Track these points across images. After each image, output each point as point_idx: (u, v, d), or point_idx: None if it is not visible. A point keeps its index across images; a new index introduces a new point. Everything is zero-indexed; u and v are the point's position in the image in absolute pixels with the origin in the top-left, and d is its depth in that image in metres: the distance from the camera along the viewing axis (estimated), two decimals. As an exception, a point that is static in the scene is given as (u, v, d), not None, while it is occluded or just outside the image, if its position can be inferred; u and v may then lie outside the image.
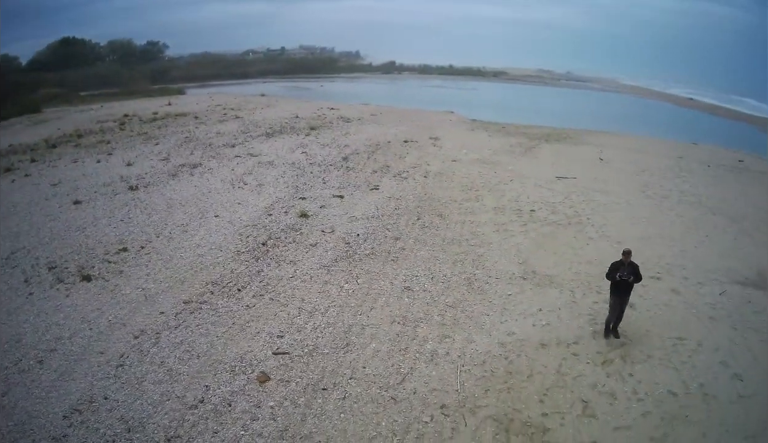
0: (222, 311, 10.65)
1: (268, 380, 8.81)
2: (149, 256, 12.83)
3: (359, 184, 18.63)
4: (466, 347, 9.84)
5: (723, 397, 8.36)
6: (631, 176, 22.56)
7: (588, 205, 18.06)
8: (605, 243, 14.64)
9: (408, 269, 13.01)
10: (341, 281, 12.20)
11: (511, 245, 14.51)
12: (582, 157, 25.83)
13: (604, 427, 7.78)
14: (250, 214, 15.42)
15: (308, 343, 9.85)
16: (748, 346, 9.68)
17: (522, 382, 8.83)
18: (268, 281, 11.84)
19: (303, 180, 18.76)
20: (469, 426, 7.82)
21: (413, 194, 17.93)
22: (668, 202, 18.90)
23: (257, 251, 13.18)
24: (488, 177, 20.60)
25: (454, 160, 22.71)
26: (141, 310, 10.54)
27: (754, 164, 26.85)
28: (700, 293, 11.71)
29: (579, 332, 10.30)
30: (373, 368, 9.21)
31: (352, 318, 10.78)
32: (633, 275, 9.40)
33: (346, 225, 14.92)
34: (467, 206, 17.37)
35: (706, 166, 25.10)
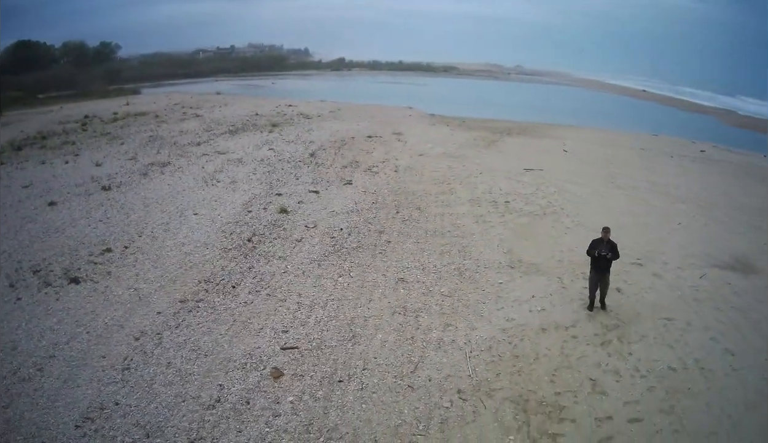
0: (220, 308, 10.85)
1: (282, 375, 8.88)
2: (135, 256, 12.97)
3: (332, 179, 19.48)
4: (470, 334, 10.30)
5: (719, 371, 9.19)
6: (597, 167, 24.07)
7: (560, 196, 19.17)
8: (583, 232, 15.52)
9: (397, 261, 13.47)
10: (334, 275, 12.56)
11: (492, 236, 15.23)
12: (546, 149, 27.43)
13: (615, 403, 8.42)
14: (229, 211, 15.90)
15: (314, 337, 10.06)
16: (733, 324, 10.65)
17: (530, 365, 9.38)
18: (261, 277, 12.18)
19: (275, 176, 19.47)
20: (488, 409, 8.24)
21: (387, 188, 18.80)
22: (638, 192, 20.33)
23: (244, 248, 13.53)
24: (458, 170, 21.69)
25: (421, 154, 23.95)
26: (137, 311, 10.55)
27: (715, 154, 29.22)
28: (682, 277, 12.78)
29: (574, 316, 11.02)
30: (384, 358, 9.48)
31: (352, 311, 11.07)
32: (611, 252, 10.42)
33: (327, 220, 15.58)
34: (443, 199, 18.17)
35: (669, 157, 27.15)
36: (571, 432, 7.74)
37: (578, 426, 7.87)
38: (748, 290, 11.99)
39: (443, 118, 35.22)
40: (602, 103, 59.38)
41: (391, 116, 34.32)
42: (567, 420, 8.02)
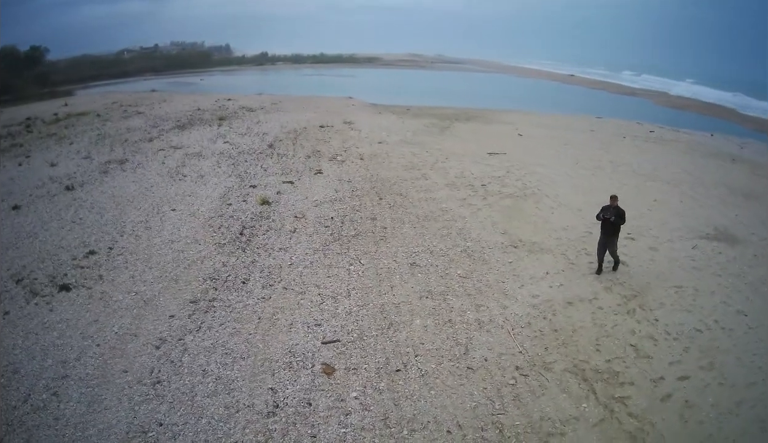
0: (238, 306, 10.88)
1: (334, 371, 8.98)
2: (123, 257, 12.93)
3: (300, 169, 20.42)
4: (503, 312, 11.08)
5: (738, 329, 10.62)
6: (556, 149, 26.12)
7: (532, 178, 20.72)
8: (568, 211, 17.07)
9: (402, 246, 14.07)
10: (344, 264, 12.95)
11: (484, 218, 16.26)
12: (501, 134, 29.45)
13: (660, 364, 9.54)
14: (208, 205, 16.36)
15: (351, 328, 10.30)
16: (735, 288, 12.26)
17: (571, 337, 10.33)
18: (269, 271, 12.39)
19: (242, 169, 20.26)
20: (552, 381, 9.00)
21: (361, 176, 19.71)
22: (603, 172, 22.35)
23: (239, 242, 13.87)
24: (423, 157, 23.04)
25: (380, 142, 25.27)
26: (146, 316, 10.36)
27: (665, 134, 32.47)
28: (675, 249, 14.47)
29: (592, 289, 12.19)
30: (431, 343, 9.92)
31: (379, 298, 11.44)
32: (616, 216, 12.09)
33: (313, 209, 16.26)
34: (420, 185, 19.17)
35: (622, 138, 29.91)
36: (634, 394, 8.69)
37: (638, 388, 8.84)
38: (738, 258, 13.81)
39: (386, 107, 36.92)
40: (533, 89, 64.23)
41: (334, 106, 35.82)
42: (626, 383, 8.96)
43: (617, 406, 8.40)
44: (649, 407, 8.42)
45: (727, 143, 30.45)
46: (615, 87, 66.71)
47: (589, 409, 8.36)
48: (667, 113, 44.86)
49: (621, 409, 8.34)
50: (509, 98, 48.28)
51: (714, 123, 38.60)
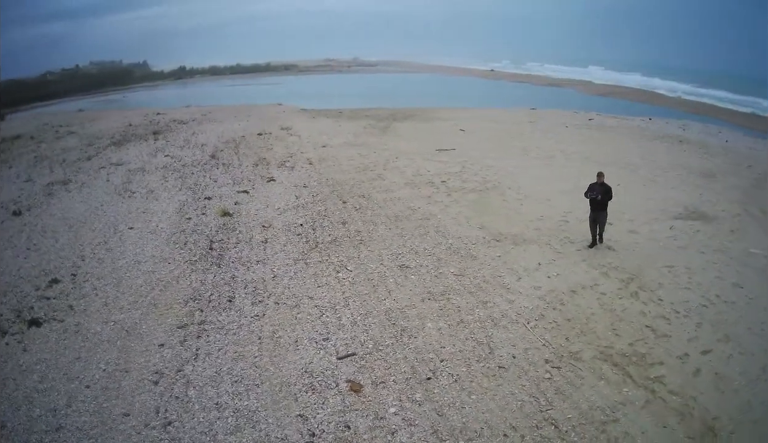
0: (232, 327, 10.61)
1: (362, 387, 8.78)
2: (90, 283, 12.56)
3: (251, 178, 20.94)
4: (512, 306, 11.40)
5: (739, 302, 11.55)
6: (504, 142, 27.50)
7: (489, 171, 21.61)
8: (536, 201, 18.00)
9: (384, 249, 14.26)
10: (331, 271, 12.95)
11: (455, 214, 16.79)
12: (443, 131, 30.68)
13: (680, 341, 10.18)
14: (165, 221, 16.38)
15: (362, 339, 10.22)
16: (723, 263, 13.36)
17: (587, 325, 10.80)
18: (254, 286, 12.31)
19: (191, 181, 20.65)
20: (586, 370, 9.36)
21: (315, 181, 20.25)
22: (557, 161, 23.64)
23: (211, 257, 13.85)
24: (372, 157, 23.85)
25: (324, 146, 26.17)
26: (133, 348, 9.92)
27: (604, 121, 34.84)
28: (654, 230, 15.55)
29: (590, 275, 12.83)
30: (452, 346, 10.00)
31: (380, 304, 11.46)
32: (602, 194, 13.43)
33: (279, 218, 16.54)
34: (378, 185, 19.71)
35: (564, 126, 31.81)
36: (667, 372, 9.22)
37: (668, 366, 9.40)
38: (717, 234, 15.09)
39: (318, 111, 38.33)
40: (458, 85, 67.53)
41: (265, 113, 37.23)
42: (655, 363, 9.49)
43: (656, 386, 8.83)
44: (684, 383, 8.92)
45: (667, 125, 33.14)
46: (537, 79, 70.79)
47: (631, 393, 8.71)
48: (596, 100, 48.37)
49: (661, 389, 8.78)
50: (437, 96, 50.40)
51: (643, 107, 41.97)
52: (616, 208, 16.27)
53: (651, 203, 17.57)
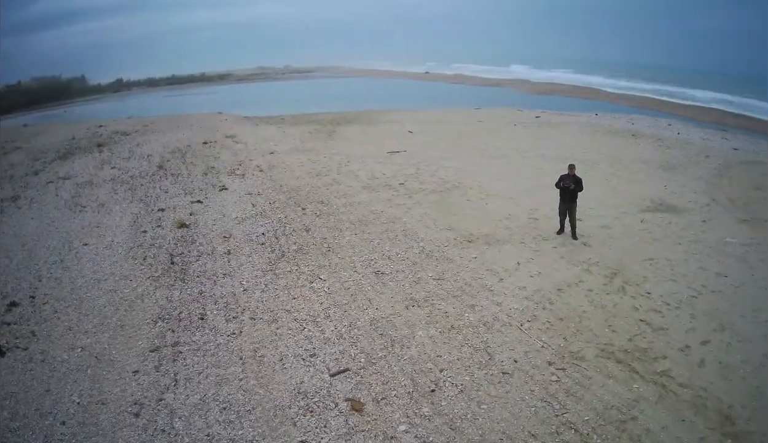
0: (209, 347, 10.25)
1: (363, 405, 8.44)
2: (50, 305, 12.12)
3: (203, 187, 20.97)
4: (501, 309, 11.36)
5: (726, 290, 11.99)
6: (455, 142, 28.02)
7: (446, 172, 21.84)
8: (500, 200, 18.30)
9: (355, 255, 14.07)
10: (304, 282, 12.69)
11: (420, 216, 16.84)
12: (390, 133, 31.23)
13: (678, 334, 10.43)
14: (121, 235, 16.19)
15: (352, 352, 9.91)
16: (703, 253, 13.90)
17: (582, 323, 10.86)
18: (225, 301, 11.98)
19: (141, 193, 20.56)
20: (592, 370, 9.36)
21: (270, 188, 20.17)
22: (513, 159, 24.18)
23: (174, 272, 13.56)
24: (324, 162, 24.11)
25: (272, 153, 26.39)
26: (105, 377, 9.44)
27: (551, 118, 35.98)
28: (626, 224, 16.02)
29: (572, 272, 13.00)
30: (449, 354, 9.81)
31: (362, 314, 11.21)
32: (574, 184, 14.14)
33: (238, 227, 16.46)
34: (336, 190, 19.70)
35: (513, 125, 32.67)
36: (672, 365, 9.39)
37: (672, 360, 9.57)
38: (689, 225, 15.72)
39: (260, 118, 39.25)
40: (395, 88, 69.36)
41: (207, 122, 37.74)
42: (659, 357, 9.65)
43: (665, 380, 8.96)
44: (692, 375, 9.12)
45: (615, 120, 34.66)
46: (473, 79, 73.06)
47: (642, 389, 8.80)
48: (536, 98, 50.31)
49: (670, 382, 8.92)
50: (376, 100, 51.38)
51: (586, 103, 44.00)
52: (583, 203, 16.63)
53: (617, 196, 18.09)
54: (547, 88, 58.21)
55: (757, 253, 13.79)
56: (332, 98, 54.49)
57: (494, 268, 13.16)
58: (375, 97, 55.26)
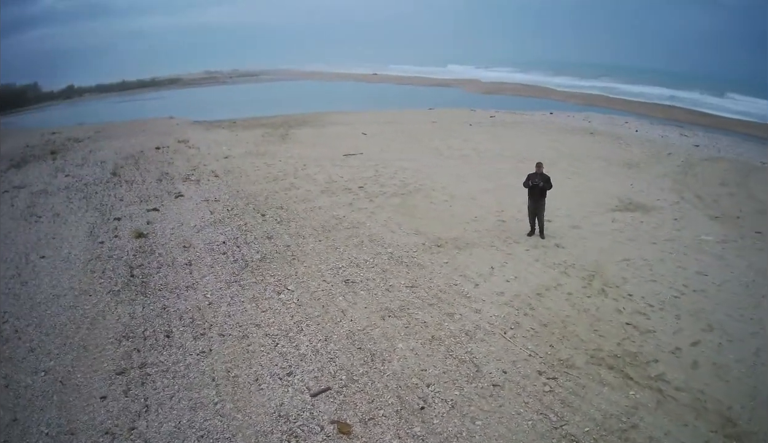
0: (178, 369, 9.82)
1: (351, 427, 8.04)
2: (10, 324, 11.71)
3: (158, 194, 20.81)
4: (481, 316, 11.13)
5: (708, 289, 12.15)
6: (410, 144, 28.15)
7: (405, 174, 21.80)
8: (464, 201, 18.32)
9: (321, 263, 13.77)
10: (272, 293, 12.35)
11: (384, 220, 16.65)
12: (344, 135, 31.27)
13: (666, 336, 10.40)
14: (77, 247, 15.92)
15: (331, 369, 9.55)
16: (680, 252, 14.10)
17: (567, 329, 10.73)
18: (190, 316, 11.64)
19: (96, 201, 20.45)
20: (585, 378, 9.20)
21: (227, 194, 19.95)
22: (471, 159, 24.32)
23: (134, 286, 13.25)
24: (279, 166, 24.03)
25: (226, 157, 26.33)
26: (72, 403, 8.99)
27: (505, 117, 36.67)
28: (597, 224, 16.15)
29: (549, 275, 12.93)
30: (434, 367, 9.49)
31: (337, 327, 10.84)
32: (543, 182, 14.25)
33: (197, 236, 16.20)
34: (294, 195, 19.49)
35: (468, 125, 33.07)
36: (665, 369, 9.34)
37: (665, 363, 9.53)
38: (661, 224, 15.99)
39: (211, 122, 39.51)
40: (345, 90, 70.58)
41: (159, 127, 37.98)
42: (651, 361, 9.59)
43: (661, 385, 8.91)
44: (687, 378, 9.10)
45: (570, 119, 35.51)
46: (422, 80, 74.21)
47: (639, 395, 8.72)
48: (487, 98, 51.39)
49: (666, 387, 8.87)
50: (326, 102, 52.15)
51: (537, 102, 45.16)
52: (549, 202, 16.65)
53: (582, 196, 18.30)
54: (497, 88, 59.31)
55: (733, 250, 14.01)
56: (282, 101, 55.46)
57: (468, 273, 12.90)
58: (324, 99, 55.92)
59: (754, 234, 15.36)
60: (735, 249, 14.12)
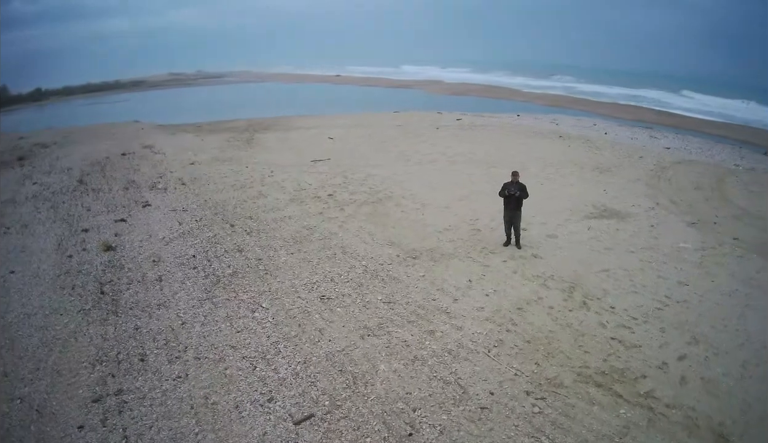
0: (155, 395, 9.59)
1: None
2: None
3: (125, 203, 20.52)
4: (463, 334, 11.00)
5: (691, 300, 12.30)
6: (378, 148, 28.10)
7: (375, 180, 21.72)
8: (437, 210, 18.27)
9: (295, 278, 13.58)
10: (246, 312, 12.14)
11: (356, 230, 16.56)
12: (310, 139, 31.17)
13: (652, 350, 10.43)
14: (46, 261, 15.59)
15: (313, 394, 9.36)
16: (659, 261, 14.25)
17: (551, 345, 10.68)
18: (164, 338, 11.43)
19: (64, 211, 20.06)
20: (573, 397, 9.15)
21: (194, 203, 19.69)
22: (441, 165, 24.36)
23: (105, 304, 13.03)
24: (246, 173, 23.85)
25: (192, 163, 26.03)
26: (49, 434, 8.80)
27: (473, 120, 36.86)
28: (573, 233, 16.24)
29: (528, 288, 12.89)
30: (419, 390, 9.36)
31: (315, 348, 10.65)
32: (519, 191, 14.28)
33: (166, 249, 15.93)
34: (263, 204, 19.26)
35: (435, 128, 33.18)
36: (654, 385, 9.41)
37: (653, 379, 9.57)
38: (638, 232, 16.19)
39: (176, 126, 39.29)
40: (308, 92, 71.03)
41: (124, 131, 37.51)
42: (639, 378, 9.62)
43: (651, 402, 8.97)
44: (677, 394, 9.18)
45: (537, 121, 36.06)
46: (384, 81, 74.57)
47: (629, 414, 8.75)
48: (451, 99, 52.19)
49: (657, 404, 8.94)
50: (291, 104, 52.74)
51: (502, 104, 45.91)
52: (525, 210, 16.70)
53: (556, 202, 18.45)
54: (460, 89, 59.96)
55: (712, 258, 14.24)
56: (246, 104, 55.76)
57: (445, 287, 12.80)
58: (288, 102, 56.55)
59: (733, 241, 15.61)
60: (714, 257, 14.31)
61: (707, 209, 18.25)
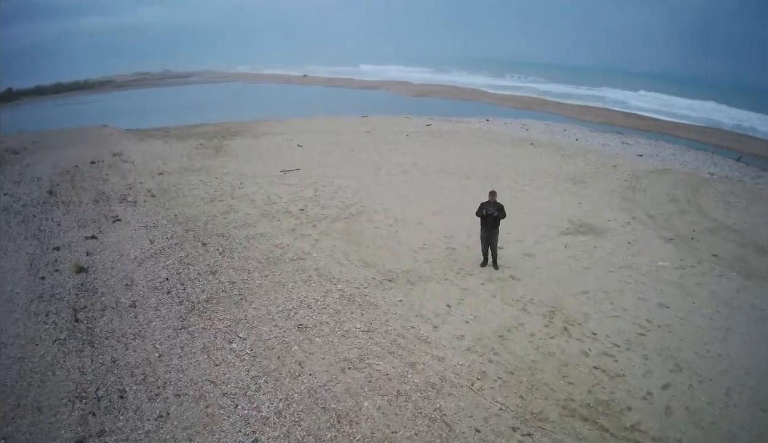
0: (138, 437, 9.50)
1: None
2: None
3: (95, 218, 20.25)
4: (445, 366, 11.01)
5: (673, 324, 12.55)
6: (348, 157, 28.20)
7: (345, 193, 21.72)
8: (410, 226, 18.33)
9: (270, 304, 13.53)
10: (223, 343, 12.04)
11: (330, 249, 16.50)
12: (279, 147, 31.11)
13: (635, 380, 10.60)
14: (19, 283, 15.26)
15: (298, 435, 9.32)
16: (638, 281, 14.52)
17: (534, 376, 10.76)
18: (142, 372, 11.24)
19: (34, 226, 19.68)
20: (560, 433, 9.27)
21: (165, 218, 19.54)
22: (412, 176, 24.42)
23: (80, 333, 12.77)
24: (215, 184, 23.77)
25: (161, 173, 25.80)
26: None
27: (442, 126, 37.27)
28: (550, 251, 16.41)
29: (508, 313, 12.97)
30: (405, 428, 9.36)
31: (297, 383, 10.62)
32: (497, 210, 14.40)
33: (138, 271, 15.70)
34: (234, 219, 19.21)
35: (405, 135, 33.42)
36: (639, 417, 9.59)
37: (638, 411, 9.74)
38: (616, 249, 16.44)
39: (145, 131, 38.94)
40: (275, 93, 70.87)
41: (93, 136, 37.38)
42: (624, 410, 9.78)
43: (638, 436, 9.15)
44: (663, 426, 9.36)
45: (508, 127, 36.43)
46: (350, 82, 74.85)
47: (618, 450, 8.65)
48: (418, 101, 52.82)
49: (643, 437, 9.12)
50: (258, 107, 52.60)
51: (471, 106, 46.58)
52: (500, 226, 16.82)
53: (532, 218, 18.66)
54: (427, 90, 60.35)
55: (692, 277, 14.56)
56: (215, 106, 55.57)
57: (424, 313, 12.83)
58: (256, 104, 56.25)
59: (711, 258, 15.95)
60: (694, 276, 14.63)
61: (684, 224, 18.65)
